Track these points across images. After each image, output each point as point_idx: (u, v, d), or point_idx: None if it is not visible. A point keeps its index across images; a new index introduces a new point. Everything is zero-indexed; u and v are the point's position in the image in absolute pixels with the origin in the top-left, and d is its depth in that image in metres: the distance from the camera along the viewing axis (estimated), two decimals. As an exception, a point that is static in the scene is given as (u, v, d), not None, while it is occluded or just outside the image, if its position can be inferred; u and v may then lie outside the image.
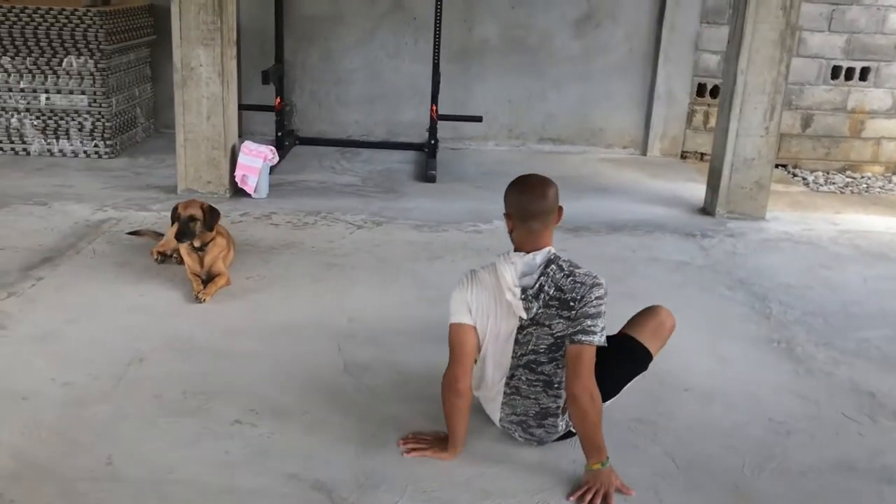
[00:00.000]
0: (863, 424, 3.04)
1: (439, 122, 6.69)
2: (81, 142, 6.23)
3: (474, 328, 2.62)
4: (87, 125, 6.19)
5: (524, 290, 2.55)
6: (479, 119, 6.75)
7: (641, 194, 6.08)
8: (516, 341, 2.62)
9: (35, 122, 6.18)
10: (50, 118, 6.17)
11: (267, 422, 2.82)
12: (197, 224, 3.86)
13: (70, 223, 4.76)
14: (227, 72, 5.25)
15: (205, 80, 5.22)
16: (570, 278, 2.55)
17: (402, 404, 2.97)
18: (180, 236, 3.84)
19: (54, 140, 6.21)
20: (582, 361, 2.49)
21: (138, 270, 4.12)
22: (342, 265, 4.34)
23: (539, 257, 2.58)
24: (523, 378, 2.64)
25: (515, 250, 2.63)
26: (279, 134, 6.64)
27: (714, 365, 3.45)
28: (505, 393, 2.69)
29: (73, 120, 6.18)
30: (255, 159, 5.37)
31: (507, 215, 2.67)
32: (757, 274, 4.54)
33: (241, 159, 5.38)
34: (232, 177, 5.41)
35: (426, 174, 6.19)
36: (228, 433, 2.75)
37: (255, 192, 5.41)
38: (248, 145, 5.42)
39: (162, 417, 2.82)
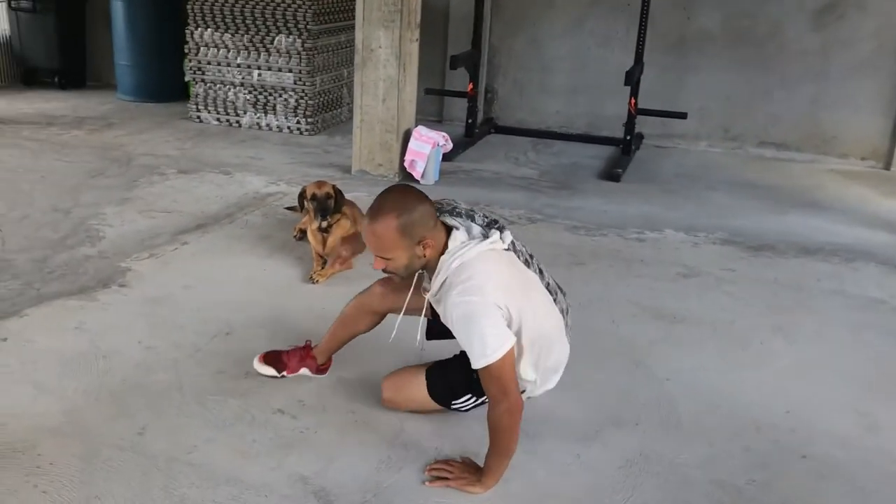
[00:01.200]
0: None
1: (643, 116, 6.22)
2: (286, 117, 6.54)
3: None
4: (292, 102, 6.48)
5: None
6: (683, 116, 6.16)
7: (861, 215, 5.19)
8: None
9: (248, 97, 6.59)
10: (260, 93, 6.55)
11: (308, 416, 2.71)
12: (331, 202, 3.85)
13: (240, 193, 4.98)
14: (404, 54, 5.20)
15: (383, 62, 5.21)
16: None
17: (459, 424, 2.71)
18: (321, 212, 3.85)
19: (262, 114, 6.58)
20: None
21: (274, 245, 4.20)
22: (471, 261, 4.11)
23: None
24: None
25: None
26: (469, 121, 6.51)
27: (856, 431, 2.78)
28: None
29: (280, 96, 6.50)
30: (425, 145, 5.28)
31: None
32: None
33: (411, 144, 5.33)
34: (402, 160, 5.37)
35: (610, 172, 5.75)
36: (266, 421, 2.67)
37: (422, 177, 5.33)
38: (419, 130, 5.35)
39: (212, 395, 2.80)
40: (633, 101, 6.03)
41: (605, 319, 3.54)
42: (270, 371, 2.88)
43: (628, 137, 6.12)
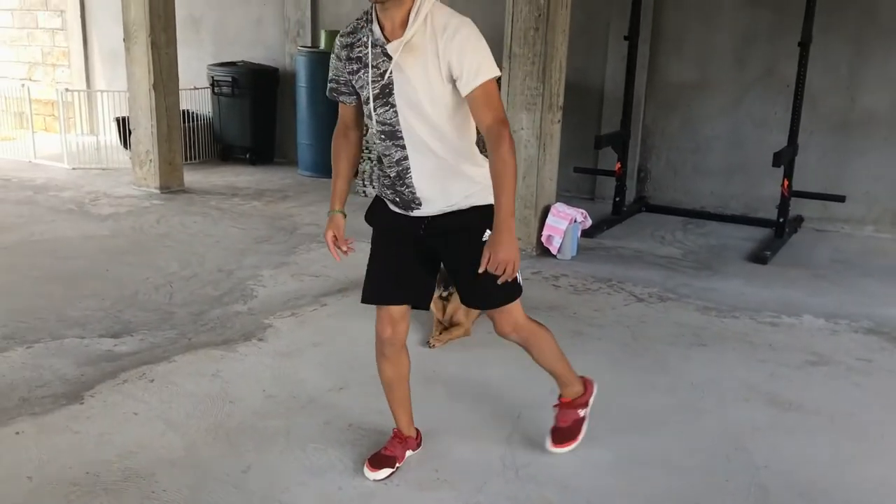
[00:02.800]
0: None
1: (800, 199, 6.04)
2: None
3: None
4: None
5: None
6: (841, 199, 5.90)
7: None
8: None
9: (408, 173, 7.02)
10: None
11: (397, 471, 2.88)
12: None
13: (384, 262, 5.33)
14: (545, 135, 5.41)
15: (524, 142, 5.45)
16: None
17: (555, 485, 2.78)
18: (444, 281, 4.08)
19: (420, 189, 6.98)
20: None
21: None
22: (589, 335, 4.17)
23: None
24: None
25: None
26: (617, 199, 6.57)
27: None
28: None
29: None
30: (562, 221, 5.42)
31: None
32: None
33: (549, 220, 5.48)
34: (539, 235, 5.53)
35: (758, 254, 5.59)
36: (355, 471, 2.86)
37: (559, 252, 5.45)
38: (557, 207, 5.50)
39: (314, 443, 3.05)
40: (786, 182, 5.87)
41: (714, 401, 3.47)
42: (385, 472, 2.81)
43: (781, 220, 5.93)
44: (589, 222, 5.64)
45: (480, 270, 2.36)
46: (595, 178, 7.14)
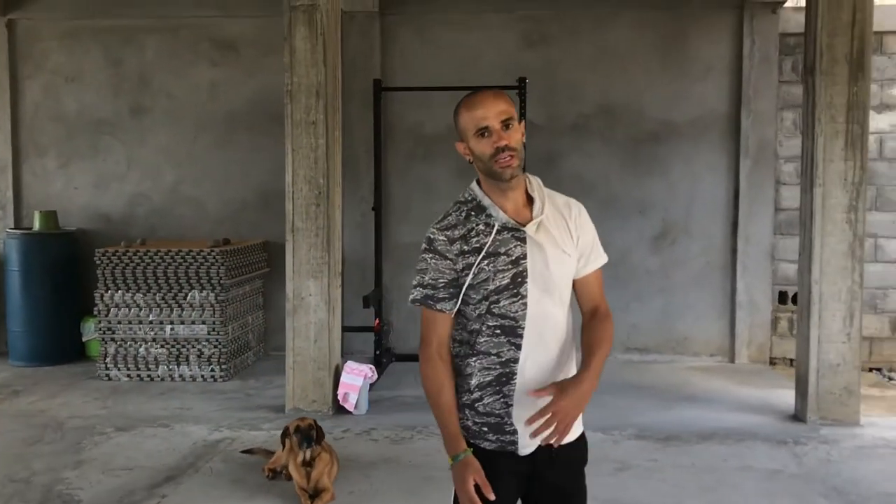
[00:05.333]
0: None
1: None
2: (200, 367, 6.81)
3: None
4: (206, 352, 6.80)
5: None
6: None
7: (731, 402, 6.15)
8: None
9: (160, 351, 6.83)
10: (173, 346, 6.82)
11: None
12: (314, 432, 4.25)
13: (189, 443, 5.17)
14: (332, 300, 5.81)
15: (313, 307, 5.78)
16: None
17: None
18: (306, 441, 4.21)
19: (175, 366, 6.82)
20: None
21: (251, 487, 4.44)
22: (439, 479, 4.53)
23: None
24: None
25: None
26: (377, 352, 7.09)
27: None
28: None
29: (194, 347, 6.81)
30: (357, 378, 5.77)
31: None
32: (854, 483, 4.52)
33: (343, 378, 5.80)
34: (335, 395, 5.80)
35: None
36: None
37: (355, 408, 5.77)
38: (350, 364, 5.86)
39: None
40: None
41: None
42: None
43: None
44: (376, 377, 6.05)
45: (536, 423, 2.15)
46: (344, 334, 7.57)
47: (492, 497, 2.19)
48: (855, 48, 5.38)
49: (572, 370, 2.37)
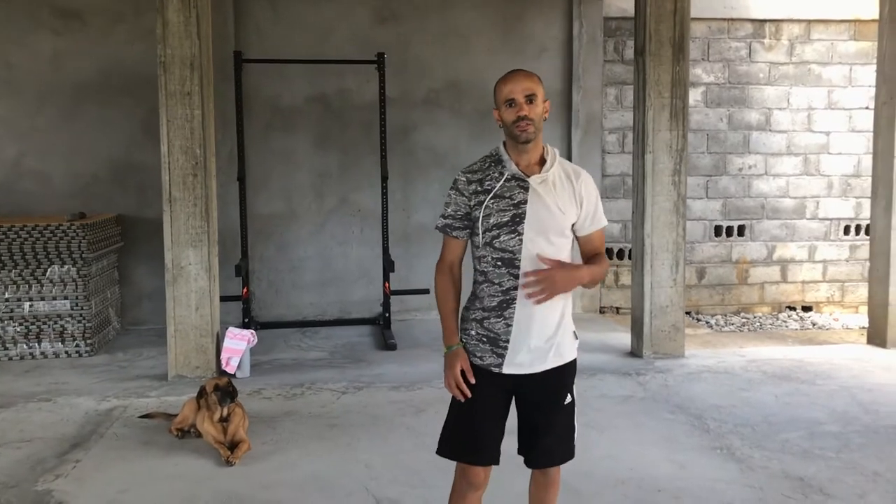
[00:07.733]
0: (798, 500, 3.83)
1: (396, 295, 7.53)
2: (63, 343, 6.68)
3: None
4: (69, 327, 6.68)
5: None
6: (426, 291, 7.60)
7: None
8: None
9: (18, 329, 6.63)
10: (32, 324, 6.64)
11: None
12: (232, 389, 4.50)
13: (81, 414, 5.20)
14: (212, 268, 5.96)
15: (193, 276, 5.91)
16: None
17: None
18: (229, 398, 4.47)
19: (36, 344, 6.65)
20: None
21: (163, 446, 4.61)
22: (342, 424, 4.94)
23: None
24: None
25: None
26: (245, 320, 7.28)
27: (675, 470, 4.21)
28: None
29: (56, 323, 6.67)
30: (240, 342, 5.99)
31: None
32: (689, 400, 5.40)
33: (226, 343, 5.99)
34: (218, 360, 5.98)
35: (387, 343, 6.92)
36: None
37: (238, 370, 5.98)
38: (232, 330, 6.05)
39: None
40: (387, 284, 7.35)
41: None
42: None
43: (387, 314, 7.37)
44: (256, 340, 6.27)
45: (531, 278, 2.68)
46: (207, 305, 7.67)
47: (472, 381, 2.77)
48: (677, 33, 6.26)
49: (568, 305, 2.86)
